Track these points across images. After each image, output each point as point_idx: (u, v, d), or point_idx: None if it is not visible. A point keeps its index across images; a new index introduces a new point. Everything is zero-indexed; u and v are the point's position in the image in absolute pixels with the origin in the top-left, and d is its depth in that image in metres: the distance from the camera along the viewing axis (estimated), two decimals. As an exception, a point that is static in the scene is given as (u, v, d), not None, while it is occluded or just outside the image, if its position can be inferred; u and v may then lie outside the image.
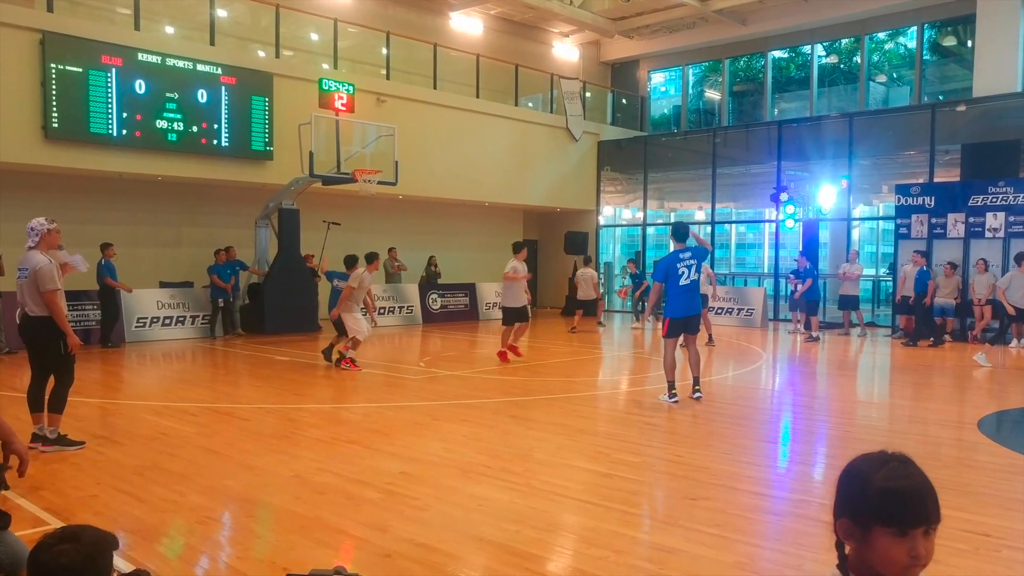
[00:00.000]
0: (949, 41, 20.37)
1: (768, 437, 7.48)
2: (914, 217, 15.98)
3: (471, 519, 4.74)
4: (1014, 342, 14.34)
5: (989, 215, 15.09)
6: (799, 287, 15.79)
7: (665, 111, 25.47)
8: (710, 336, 14.17)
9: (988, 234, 15.13)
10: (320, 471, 5.77)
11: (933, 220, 15.79)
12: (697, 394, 8.66)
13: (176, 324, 14.73)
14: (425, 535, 4.44)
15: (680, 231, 8.85)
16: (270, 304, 15.20)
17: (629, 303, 18.67)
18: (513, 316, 11.79)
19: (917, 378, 11.16)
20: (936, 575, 3.97)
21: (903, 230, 16.17)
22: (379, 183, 15.09)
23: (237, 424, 7.49)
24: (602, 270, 22.90)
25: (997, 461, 6.26)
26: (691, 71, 24.23)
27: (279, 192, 15.44)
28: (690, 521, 4.86)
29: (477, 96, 19.53)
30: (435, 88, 18.64)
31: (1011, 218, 14.89)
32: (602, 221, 22.87)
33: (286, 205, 15.52)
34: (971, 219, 15.33)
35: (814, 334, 15.17)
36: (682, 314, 8.53)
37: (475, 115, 19.08)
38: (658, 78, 25.28)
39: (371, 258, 11.05)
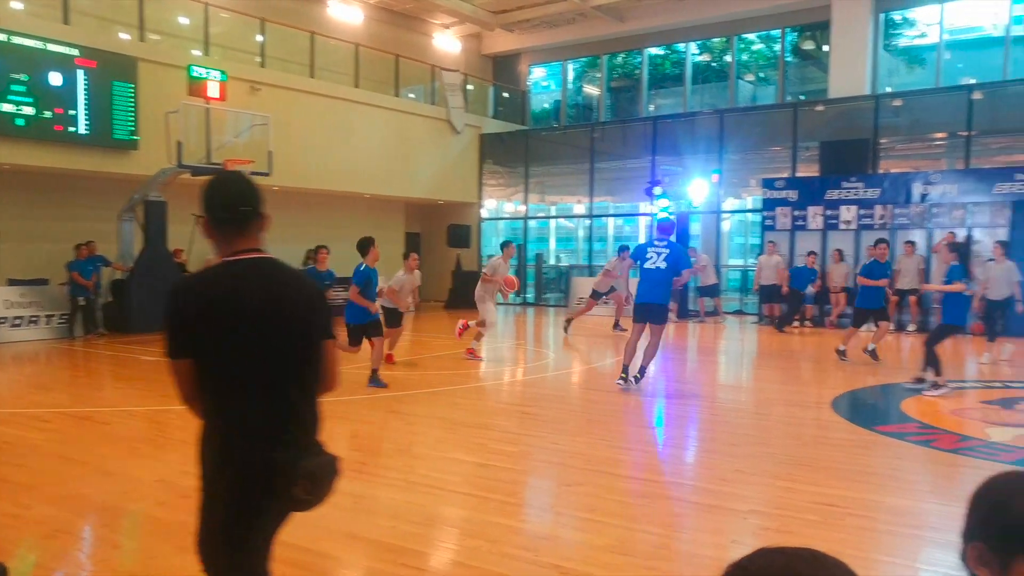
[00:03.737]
0: (808, 45, 21.58)
1: (644, 422, 7.70)
2: (778, 210, 16.88)
3: (345, 517, 4.65)
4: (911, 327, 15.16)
5: (843, 208, 16.12)
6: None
7: (546, 105, 25.80)
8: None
9: (842, 226, 16.17)
10: (186, 474, 5.48)
11: (795, 213, 16.71)
12: (620, 381, 8.76)
13: (28, 324, 13.75)
14: (296, 535, 4.30)
15: (663, 225, 9.23)
16: (135, 302, 14.40)
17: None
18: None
19: (780, 362, 11.80)
20: (788, 545, 4.22)
21: (769, 222, 17.04)
22: (252, 173, 14.56)
23: (96, 429, 7.06)
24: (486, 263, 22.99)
25: (847, 437, 6.69)
26: (571, 66, 24.63)
27: (145, 183, 14.65)
28: (565, 507, 4.95)
29: (356, 86, 19.17)
30: (313, 77, 18.16)
31: (862, 211, 15.97)
32: (485, 214, 22.96)
33: (153, 197, 14.74)
34: (828, 212, 16.33)
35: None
36: (639, 299, 8.85)
37: (354, 105, 18.72)
38: (539, 72, 25.57)
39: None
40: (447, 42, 23.53)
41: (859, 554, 4.03)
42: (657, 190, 17.31)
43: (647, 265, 8.69)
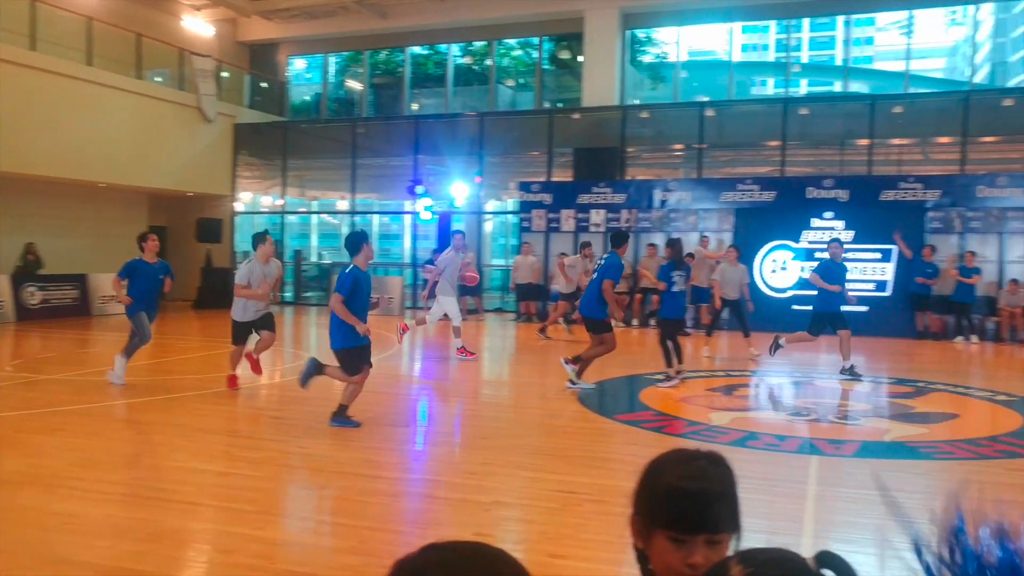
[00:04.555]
0: (564, 55, 22.71)
1: (399, 422, 7.61)
2: (534, 212, 17.59)
3: (52, 540, 4.11)
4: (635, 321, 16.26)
5: (593, 211, 17.14)
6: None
7: (306, 98, 24.99)
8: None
9: (592, 228, 17.18)
10: None
11: (550, 215, 17.51)
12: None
13: None
14: (-11, 567, 3.74)
15: (614, 237, 9.02)
16: None
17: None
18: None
19: (536, 357, 12.26)
20: (528, 533, 4.33)
21: (526, 223, 17.71)
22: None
23: None
24: (238, 259, 21.77)
25: (589, 427, 7.06)
26: (332, 60, 24.05)
27: None
28: (309, 512, 4.75)
29: (90, 64, 17.32)
30: (34, 50, 16.14)
31: (610, 215, 17.07)
32: (240, 208, 21.76)
33: None
34: (579, 215, 17.27)
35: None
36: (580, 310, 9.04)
37: (88, 85, 16.88)
38: (300, 64, 24.71)
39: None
40: (198, 25, 22.00)
41: (596, 537, 4.21)
42: (419, 189, 17.38)
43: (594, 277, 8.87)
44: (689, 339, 13.37)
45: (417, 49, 23.12)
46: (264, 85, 23.62)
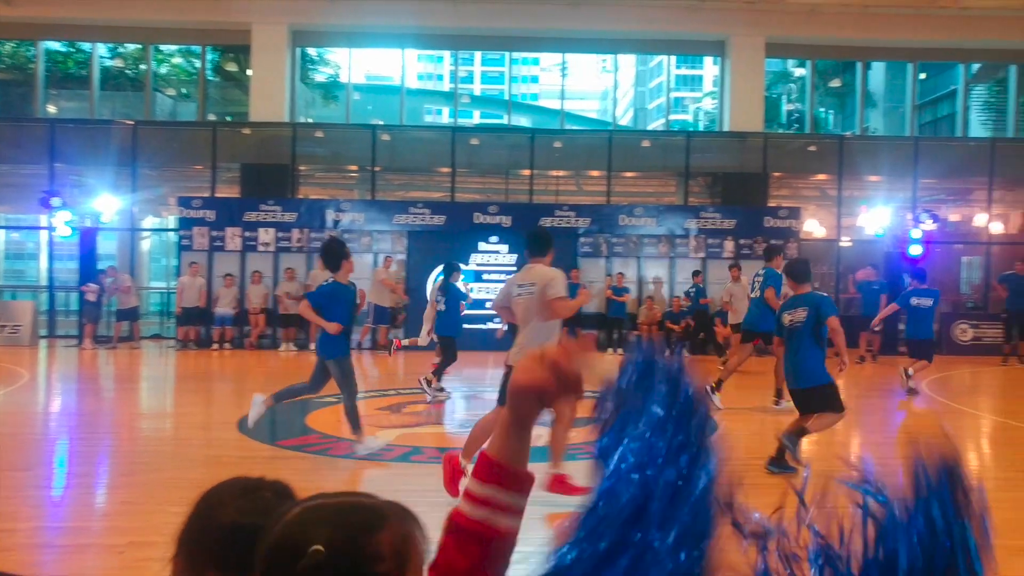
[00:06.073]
0: (231, 67, 21.62)
1: (25, 464, 6.50)
2: (195, 229, 16.38)
3: None
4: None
5: (262, 230, 16.42)
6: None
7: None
8: None
9: (261, 248, 16.44)
10: None
11: (214, 233, 16.42)
12: None
13: None
14: None
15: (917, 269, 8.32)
16: None
17: None
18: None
19: (197, 385, 11.41)
20: (166, 573, 3.89)
21: (186, 242, 16.45)
22: None
23: None
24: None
25: (246, 455, 6.67)
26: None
27: None
28: None
29: None
30: None
31: (280, 234, 16.49)
32: None
33: None
34: (247, 233, 16.43)
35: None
36: None
37: None
38: None
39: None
40: None
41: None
42: (55, 201, 15.40)
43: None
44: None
45: (55, 45, 20.44)
46: None
